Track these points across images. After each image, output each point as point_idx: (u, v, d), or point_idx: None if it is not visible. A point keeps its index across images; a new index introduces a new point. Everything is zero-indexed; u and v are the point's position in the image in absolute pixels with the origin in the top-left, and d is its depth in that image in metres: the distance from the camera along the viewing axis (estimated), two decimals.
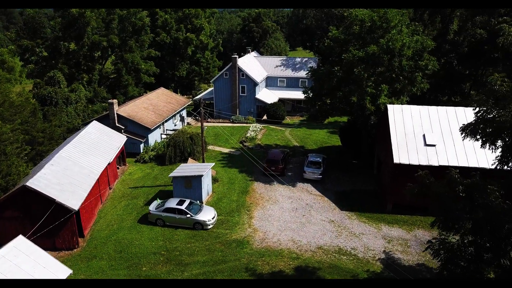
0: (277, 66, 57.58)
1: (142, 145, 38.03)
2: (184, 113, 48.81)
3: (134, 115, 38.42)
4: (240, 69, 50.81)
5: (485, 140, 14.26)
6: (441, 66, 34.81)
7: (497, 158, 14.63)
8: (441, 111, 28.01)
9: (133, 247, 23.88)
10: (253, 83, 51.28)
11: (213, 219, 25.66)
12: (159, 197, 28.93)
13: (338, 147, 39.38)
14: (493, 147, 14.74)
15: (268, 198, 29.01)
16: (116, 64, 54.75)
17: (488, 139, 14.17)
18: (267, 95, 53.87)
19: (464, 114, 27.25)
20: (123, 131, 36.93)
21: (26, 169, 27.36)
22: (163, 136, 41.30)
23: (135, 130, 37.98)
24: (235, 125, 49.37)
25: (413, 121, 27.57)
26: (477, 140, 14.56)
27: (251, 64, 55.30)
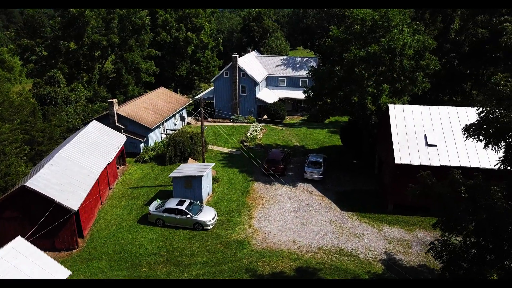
0: (277, 66, 57.41)
1: (142, 145, 37.89)
2: (184, 112, 48.66)
3: (134, 115, 38.29)
4: (241, 69, 50.64)
5: (488, 140, 14.11)
6: (442, 66, 34.63)
7: (500, 159, 14.47)
8: (443, 110, 27.87)
9: (132, 247, 23.76)
10: (253, 83, 51.13)
11: (213, 219, 25.54)
12: (159, 197, 28.80)
13: (338, 147, 39.23)
14: (496, 147, 14.60)
15: (269, 199, 28.87)
16: (116, 63, 54.58)
17: (491, 140, 14.02)
18: (268, 95, 53.71)
19: (466, 114, 27.13)
20: (123, 130, 36.79)
21: (25, 169, 27.23)
22: (163, 136, 41.16)
23: (135, 129, 37.85)
24: (236, 124, 49.22)
25: (414, 121, 27.44)
26: (480, 141, 14.41)
27: (251, 63, 55.14)
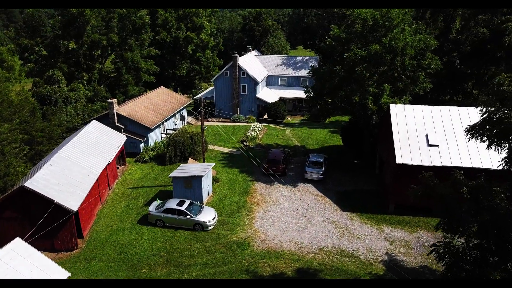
0: (278, 65, 57.24)
1: (142, 145, 37.75)
2: (185, 112, 48.51)
3: (134, 115, 38.15)
4: (241, 68, 50.48)
5: (491, 141, 13.96)
6: (443, 65, 34.44)
7: (503, 159, 14.33)
8: (444, 110, 27.71)
9: (132, 248, 23.64)
10: (253, 82, 50.96)
11: (213, 220, 25.40)
12: (159, 197, 28.67)
13: (339, 147, 39.07)
14: (499, 148, 14.46)
15: (269, 199, 28.73)
16: (116, 63, 54.43)
17: (494, 141, 13.87)
18: (268, 94, 53.55)
19: (468, 114, 26.98)
20: (122, 130, 36.65)
21: (24, 169, 27.11)
22: (163, 136, 41.01)
23: (135, 129, 37.71)
24: (236, 124, 49.08)
25: (415, 121, 27.29)
26: (483, 141, 14.26)
27: (251, 63, 54.97)
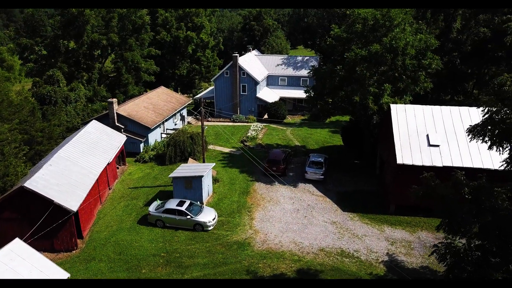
0: (278, 65, 57.16)
1: (142, 145, 37.68)
2: (185, 112, 48.42)
3: (134, 114, 38.07)
4: (241, 68, 50.40)
5: (493, 142, 13.88)
6: (444, 65, 34.36)
7: (505, 160, 14.25)
8: (445, 110, 27.62)
9: (132, 248, 23.56)
10: (254, 82, 50.88)
11: (213, 220, 25.32)
12: (159, 197, 28.60)
13: (339, 147, 38.99)
14: (501, 149, 14.38)
15: (270, 199, 28.65)
16: (116, 62, 54.36)
17: (496, 141, 13.79)
18: (268, 94, 53.47)
19: (469, 114, 26.89)
20: (122, 130, 36.57)
21: (24, 169, 27.04)
22: (163, 136, 40.93)
23: (135, 129, 37.63)
24: (236, 124, 49.00)
25: (416, 121, 27.20)
26: (485, 142, 14.18)
27: (252, 62, 54.89)
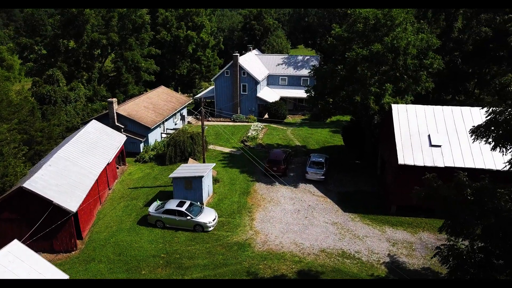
0: (278, 64, 56.98)
1: (142, 145, 37.53)
2: (185, 112, 48.26)
3: (134, 114, 37.93)
4: (241, 67, 50.22)
5: (496, 143, 13.72)
6: (445, 65, 34.14)
7: (509, 161, 14.10)
8: (447, 110, 27.46)
9: (132, 249, 23.43)
10: (254, 82, 50.71)
11: (213, 221, 25.18)
12: (159, 198, 28.46)
13: (340, 147, 38.84)
14: (504, 150, 14.23)
15: (270, 199, 28.51)
16: (116, 62, 54.18)
17: (499, 142, 13.63)
18: (269, 94, 53.31)
19: (470, 114, 26.74)
20: (122, 130, 36.43)
21: (23, 169, 26.87)
22: (163, 136, 40.80)
23: (135, 129, 37.49)
24: (236, 124, 48.85)
25: (418, 121, 27.04)
26: (488, 143, 14.02)
27: (252, 62, 54.71)
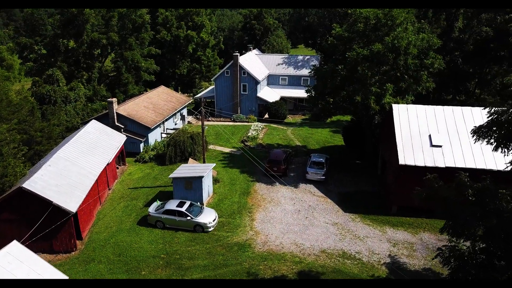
0: (278, 64, 56.89)
1: (142, 145, 37.45)
2: (185, 111, 48.18)
3: (134, 114, 37.84)
4: (242, 67, 50.13)
5: (498, 143, 13.62)
6: (446, 64, 34.06)
7: (511, 162, 14.01)
8: (447, 111, 27.36)
9: (132, 250, 23.36)
10: (254, 81, 50.63)
11: (214, 221, 25.10)
12: (159, 198, 28.38)
13: (341, 147, 38.76)
14: (506, 150, 14.14)
15: (270, 200, 28.43)
16: (115, 62, 54.09)
17: (501, 143, 13.54)
18: (269, 94, 53.22)
19: (471, 114, 26.65)
20: (122, 130, 36.35)
21: (23, 169, 26.79)
22: (163, 136, 40.72)
23: (135, 129, 37.41)
24: (236, 124, 48.76)
25: (418, 121, 26.94)
26: (490, 144, 13.93)
27: (252, 62, 54.62)
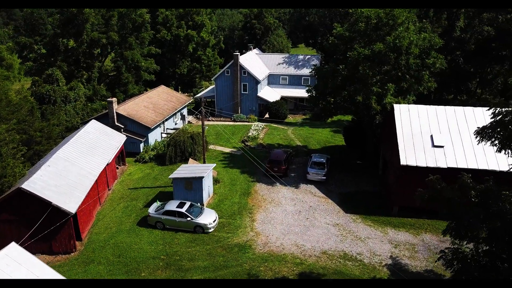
0: (279, 64, 56.68)
1: (142, 145, 37.30)
2: (185, 111, 48.02)
3: (133, 114, 37.69)
4: (242, 67, 49.94)
5: (503, 144, 13.45)
6: (447, 64, 33.92)
7: None
8: (449, 111, 27.20)
9: (132, 251, 23.21)
10: (255, 81, 50.44)
11: (214, 222, 24.95)
12: (159, 198, 28.23)
13: (341, 147, 38.60)
14: (510, 152, 13.97)
15: (271, 200, 28.27)
16: (115, 61, 53.90)
17: (506, 144, 13.36)
18: (269, 93, 53.03)
19: (473, 114, 26.48)
20: (122, 130, 36.20)
21: (22, 170, 26.62)
22: (164, 135, 40.57)
23: (135, 129, 37.26)
24: (237, 123, 48.60)
25: (420, 121, 26.78)
26: (495, 145, 13.76)
27: (253, 61, 54.43)
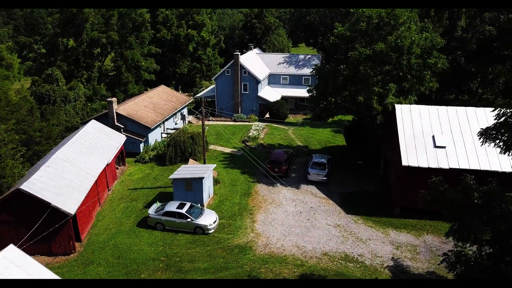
0: (280, 63, 56.50)
1: (142, 145, 37.14)
2: (185, 111, 47.85)
3: (133, 114, 37.53)
4: (242, 66, 49.76)
5: (508, 145, 13.27)
6: (448, 64, 33.74)
7: None
8: (451, 111, 27.03)
9: (131, 252, 23.06)
10: (255, 81, 50.26)
11: (214, 223, 24.79)
12: (159, 199, 28.08)
13: (342, 147, 38.43)
14: None
15: (272, 201, 28.11)
16: (115, 61, 53.71)
17: (510, 145, 13.19)
18: (270, 93, 52.86)
19: (475, 114, 26.32)
20: (122, 130, 36.04)
21: (22, 170, 26.51)
22: (164, 136, 40.41)
23: (135, 129, 37.10)
24: (237, 123, 48.43)
25: (422, 121, 26.62)
26: (499, 146, 13.59)
27: (253, 61, 54.24)
